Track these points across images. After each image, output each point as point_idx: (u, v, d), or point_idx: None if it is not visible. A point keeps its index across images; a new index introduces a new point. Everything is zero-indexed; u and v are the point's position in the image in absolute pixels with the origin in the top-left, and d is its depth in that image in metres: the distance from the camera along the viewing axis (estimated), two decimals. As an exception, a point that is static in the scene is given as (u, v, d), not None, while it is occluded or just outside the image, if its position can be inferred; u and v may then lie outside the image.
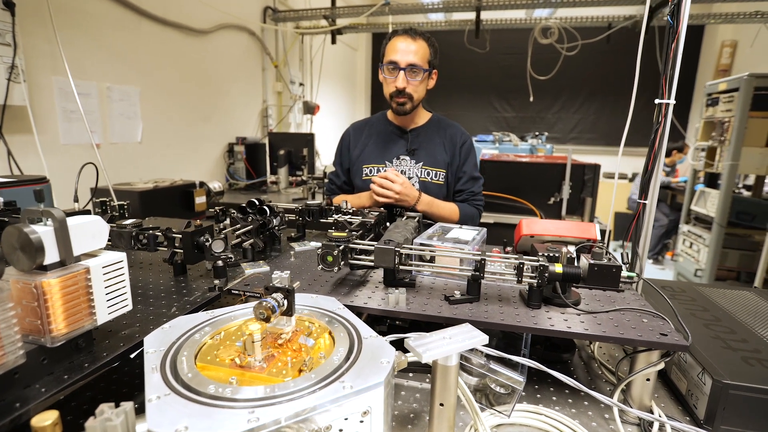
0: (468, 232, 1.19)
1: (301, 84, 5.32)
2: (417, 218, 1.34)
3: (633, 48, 1.27)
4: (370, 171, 1.80)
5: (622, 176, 6.84)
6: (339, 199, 1.88)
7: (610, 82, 7.15)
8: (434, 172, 1.77)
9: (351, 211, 1.42)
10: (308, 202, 1.47)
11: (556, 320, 0.88)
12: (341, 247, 0.97)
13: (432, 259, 1.10)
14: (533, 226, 1.25)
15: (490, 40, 4.49)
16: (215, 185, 3.04)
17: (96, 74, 2.70)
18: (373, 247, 0.98)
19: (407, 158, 1.78)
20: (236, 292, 1.02)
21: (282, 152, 3.91)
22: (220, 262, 1.04)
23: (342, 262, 0.98)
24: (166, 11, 3.18)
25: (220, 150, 4.03)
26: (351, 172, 1.88)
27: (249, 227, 1.19)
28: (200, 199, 2.68)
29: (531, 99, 4.90)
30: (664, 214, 5.58)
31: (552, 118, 7.80)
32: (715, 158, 4.09)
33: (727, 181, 3.75)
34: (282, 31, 4.87)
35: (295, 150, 3.95)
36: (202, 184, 2.74)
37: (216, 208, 1.43)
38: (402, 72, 1.64)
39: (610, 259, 1.05)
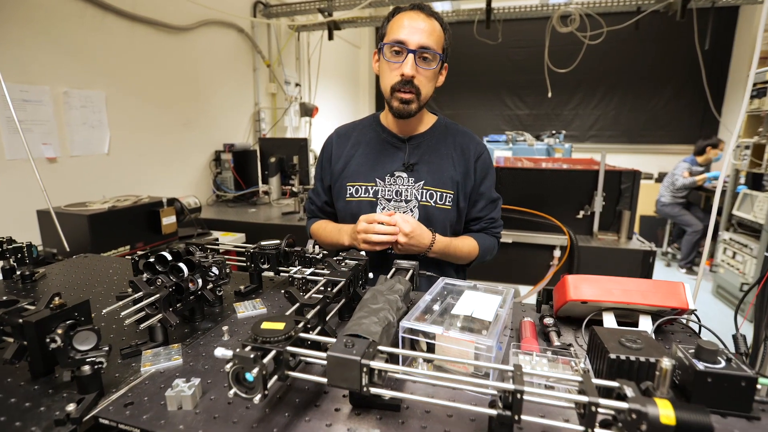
0: (488, 303, 0.77)
1: (297, 84, 4.94)
2: (411, 271, 0.93)
3: (664, 34, 0.85)
4: (356, 191, 1.37)
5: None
6: (317, 228, 1.48)
7: (634, 73, 6.58)
8: (439, 193, 1.32)
9: (319, 257, 1.02)
10: (263, 243, 1.08)
11: None
12: (271, 356, 0.57)
13: (430, 349, 0.70)
14: (585, 287, 0.81)
15: (502, 31, 4.05)
16: (191, 201, 2.66)
17: (49, 77, 2.34)
18: (329, 347, 0.57)
19: (404, 175, 1.34)
20: (107, 422, 0.62)
21: (273, 159, 3.53)
22: (87, 368, 0.65)
23: (275, 378, 0.58)
24: (135, 5, 2.81)
25: (206, 159, 3.66)
26: (333, 191, 1.45)
27: (156, 296, 0.79)
28: (168, 220, 2.29)
29: (549, 94, 4.43)
30: (699, 218, 5.07)
31: (569, 115, 7.28)
32: (763, 157, 3.60)
33: (780, 184, 3.28)
34: (275, 27, 4.49)
35: (287, 157, 3.56)
36: (171, 201, 2.35)
37: (136, 255, 1.04)
38: (411, 55, 1.18)
39: (730, 360, 0.63)
